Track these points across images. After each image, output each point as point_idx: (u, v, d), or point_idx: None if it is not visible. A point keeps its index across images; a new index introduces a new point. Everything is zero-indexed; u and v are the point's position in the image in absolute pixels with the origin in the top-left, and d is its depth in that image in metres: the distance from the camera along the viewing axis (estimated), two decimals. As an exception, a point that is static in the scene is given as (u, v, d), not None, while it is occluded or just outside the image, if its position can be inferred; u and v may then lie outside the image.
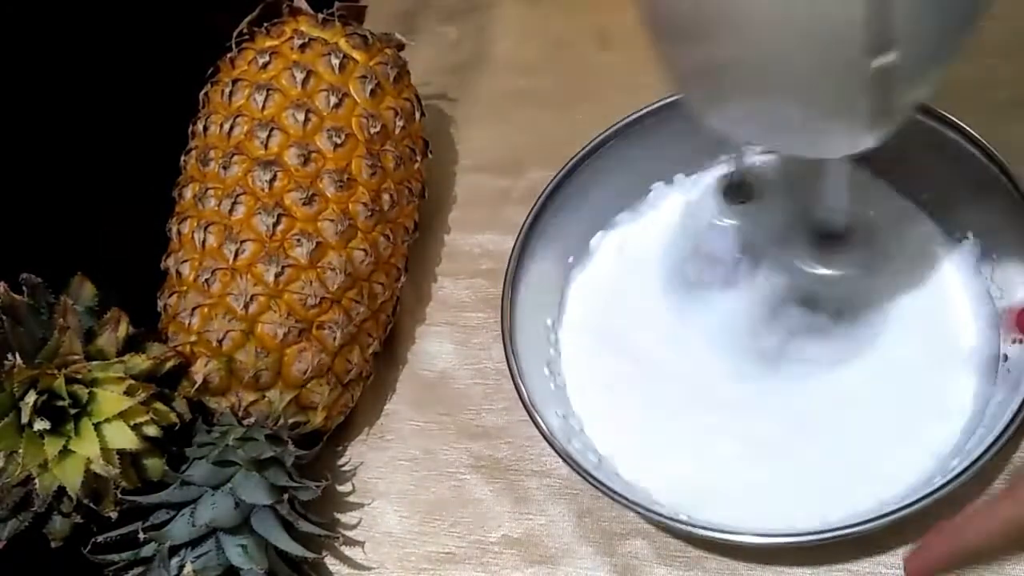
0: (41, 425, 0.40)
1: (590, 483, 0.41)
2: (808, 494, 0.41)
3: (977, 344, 0.43)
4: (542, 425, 0.43)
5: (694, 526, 0.40)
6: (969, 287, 0.44)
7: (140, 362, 0.43)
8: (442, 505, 0.48)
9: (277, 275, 0.44)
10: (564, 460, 0.42)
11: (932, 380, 0.43)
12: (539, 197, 0.48)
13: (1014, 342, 0.41)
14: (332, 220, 0.46)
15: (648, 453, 0.44)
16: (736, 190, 0.45)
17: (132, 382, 0.42)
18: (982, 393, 0.42)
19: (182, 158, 0.49)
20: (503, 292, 0.47)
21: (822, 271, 0.43)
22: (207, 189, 0.46)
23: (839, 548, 0.40)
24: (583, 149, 0.49)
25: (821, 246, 0.43)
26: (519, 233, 0.48)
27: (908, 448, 0.41)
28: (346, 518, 0.48)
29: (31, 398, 0.40)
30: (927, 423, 0.42)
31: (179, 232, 0.47)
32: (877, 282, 0.45)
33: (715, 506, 0.42)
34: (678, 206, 0.50)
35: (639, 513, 0.40)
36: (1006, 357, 0.42)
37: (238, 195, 0.46)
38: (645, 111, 0.49)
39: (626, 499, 0.40)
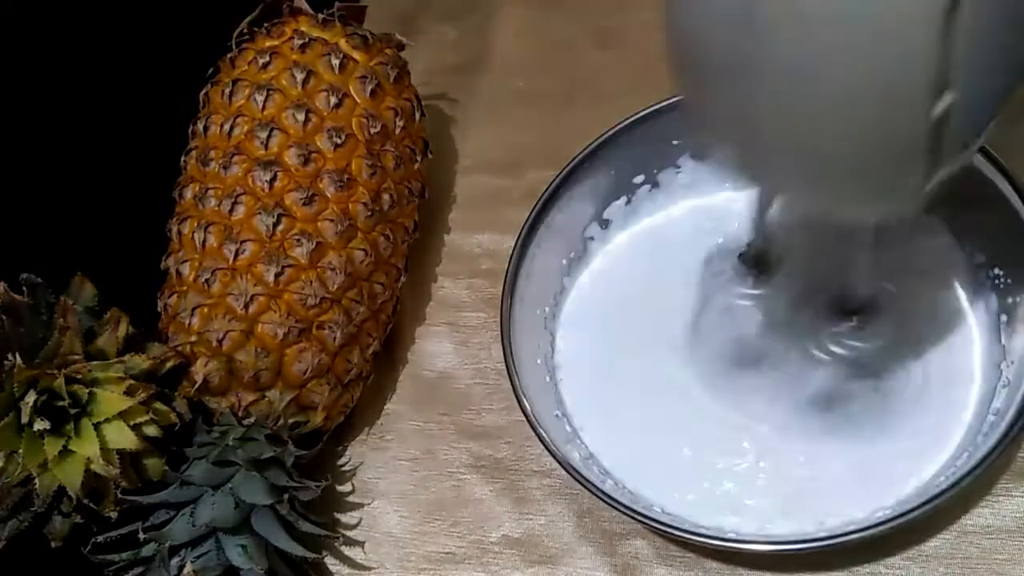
0: (41, 425, 0.40)
1: (587, 488, 0.41)
2: (809, 500, 0.41)
3: (978, 358, 0.43)
4: (539, 429, 0.43)
5: (696, 534, 0.39)
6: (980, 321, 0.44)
7: (140, 362, 0.43)
8: (442, 505, 0.48)
9: (277, 275, 0.44)
10: (562, 465, 0.42)
11: (935, 395, 0.43)
12: (540, 197, 0.48)
13: None
14: (332, 220, 0.46)
15: (646, 458, 0.44)
16: (756, 260, 0.44)
17: (132, 382, 0.42)
18: (983, 402, 0.42)
19: (182, 158, 0.49)
20: (503, 292, 0.47)
21: (848, 347, 0.43)
22: (207, 189, 0.46)
23: (839, 551, 0.40)
24: (584, 150, 0.49)
25: (847, 323, 0.42)
26: (519, 233, 0.48)
27: (909, 454, 0.41)
28: (346, 518, 0.48)
29: (31, 398, 0.40)
30: (928, 430, 0.42)
31: (179, 232, 0.47)
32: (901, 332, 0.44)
33: (715, 512, 0.42)
34: (682, 212, 0.50)
35: (639, 520, 0.40)
36: (1001, 366, 0.42)
37: (238, 195, 0.46)
38: (647, 111, 0.49)
39: (624, 506, 0.40)
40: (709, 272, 0.48)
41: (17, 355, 0.40)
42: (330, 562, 0.47)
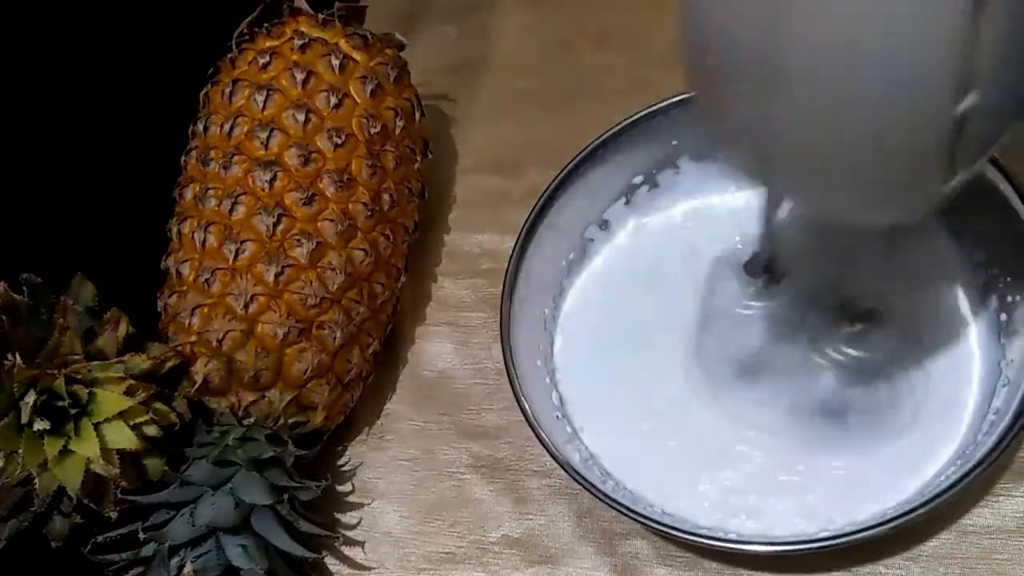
0: (41, 425, 0.39)
1: (587, 489, 0.41)
2: (811, 502, 0.41)
3: (978, 358, 0.43)
4: (539, 431, 0.43)
5: (697, 535, 0.39)
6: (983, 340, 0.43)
7: (140, 362, 0.43)
8: (442, 505, 0.48)
9: (277, 275, 0.44)
10: (562, 466, 0.42)
11: (934, 395, 0.42)
12: (540, 197, 0.48)
13: None
14: (332, 220, 0.46)
15: (646, 460, 0.44)
16: (763, 269, 0.44)
17: (132, 382, 0.42)
18: (983, 401, 0.42)
19: (182, 158, 0.49)
20: (502, 293, 0.46)
21: (853, 354, 0.43)
22: (207, 189, 0.46)
23: (840, 552, 0.40)
24: (584, 150, 0.49)
25: (851, 329, 0.42)
26: (519, 234, 0.48)
27: (910, 455, 0.41)
28: (346, 518, 0.48)
29: (31, 398, 0.39)
30: (929, 430, 0.42)
31: (179, 232, 0.47)
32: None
33: (715, 513, 0.41)
34: (682, 213, 0.50)
35: (640, 522, 0.40)
36: (1000, 364, 0.42)
37: (238, 195, 0.46)
38: (646, 112, 0.49)
39: (625, 507, 0.40)
40: (711, 277, 0.48)
41: (17, 355, 0.40)
42: (330, 562, 0.47)
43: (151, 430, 0.42)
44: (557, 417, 0.45)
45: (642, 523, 0.40)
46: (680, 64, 0.55)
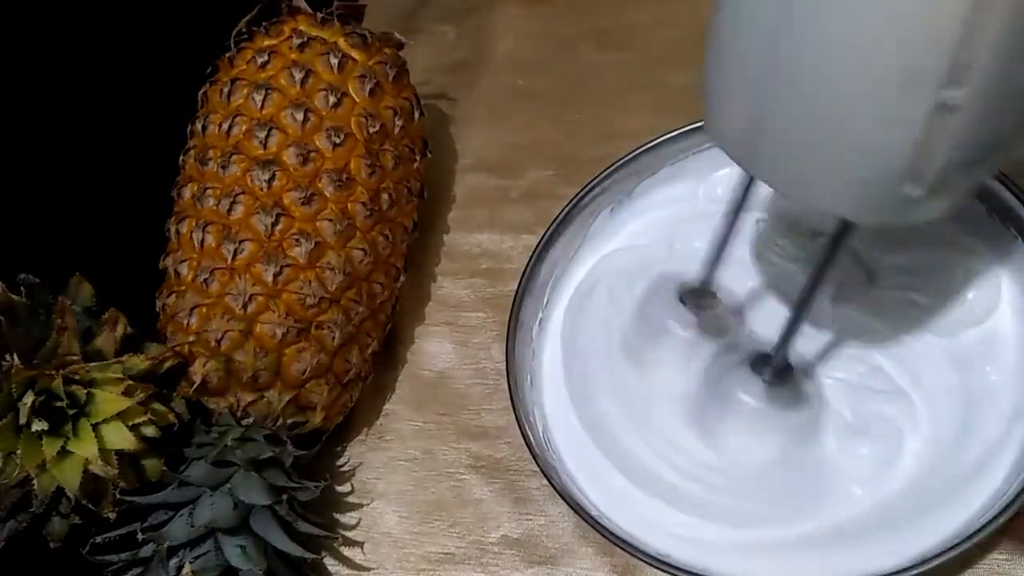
0: (39, 426, 0.39)
1: (572, 508, 0.40)
2: (821, 547, 0.39)
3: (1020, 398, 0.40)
4: (529, 437, 0.43)
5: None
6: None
7: (138, 362, 0.43)
8: (441, 505, 0.48)
9: (276, 275, 0.44)
10: (545, 475, 0.41)
11: (967, 441, 0.40)
12: (554, 220, 0.48)
13: None
14: (331, 220, 0.46)
15: (625, 493, 0.42)
16: (696, 296, 0.43)
17: (130, 382, 0.42)
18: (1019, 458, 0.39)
19: (180, 158, 0.49)
20: (513, 300, 0.46)
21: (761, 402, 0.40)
22: (205, 189, 0.46)
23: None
24: (603, 172, 0.48)
25: (764, 378, 0.40)
26: (532, 254, 0.47)
27: (934, 508, 0.39)
28: (345, 518, 0.48)
29: (29, 399, 0.39)
30: (956, 485, 0.39)
31: (178, 232, 0.47)
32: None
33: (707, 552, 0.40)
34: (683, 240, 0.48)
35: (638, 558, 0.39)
36: None
37: (236, 195, 0.45)
38: (672, 134, 0.48)
39: (627, 544, 0.39)
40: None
41: (15, 356, 0.40)
42: (329, 563, 0.47)
43: (149, 430, 0.42)
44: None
45: (642, 560, 0.39)
46: (678, 64, 0.55)
